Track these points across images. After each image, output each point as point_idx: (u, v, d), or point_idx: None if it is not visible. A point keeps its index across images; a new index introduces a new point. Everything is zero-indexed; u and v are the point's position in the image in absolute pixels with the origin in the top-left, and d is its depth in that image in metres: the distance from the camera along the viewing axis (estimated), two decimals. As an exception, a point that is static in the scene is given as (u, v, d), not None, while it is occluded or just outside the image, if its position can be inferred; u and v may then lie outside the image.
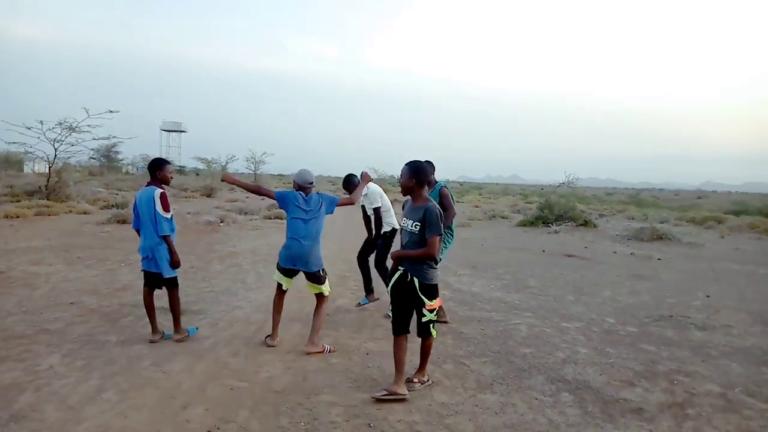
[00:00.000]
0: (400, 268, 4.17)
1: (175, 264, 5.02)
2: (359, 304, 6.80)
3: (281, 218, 17.78)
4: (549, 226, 18.64)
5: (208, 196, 30.38)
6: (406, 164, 4.24)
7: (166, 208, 4.95)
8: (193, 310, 6.27)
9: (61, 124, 20.74)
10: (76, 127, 20.86)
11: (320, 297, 5.13)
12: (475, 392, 4.28)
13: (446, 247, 6.17)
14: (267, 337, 5.23)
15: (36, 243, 10.83)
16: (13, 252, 9.65)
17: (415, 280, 4.09)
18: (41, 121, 20.53)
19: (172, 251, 4.97)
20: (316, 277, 5.04)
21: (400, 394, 4.01)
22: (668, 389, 4.48)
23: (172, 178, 5.35)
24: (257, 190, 5.29)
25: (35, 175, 33.58)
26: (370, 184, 6.18)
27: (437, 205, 4.11)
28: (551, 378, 4.64)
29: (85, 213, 17.42)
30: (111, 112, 20.98)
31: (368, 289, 6.81)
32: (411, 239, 4.14)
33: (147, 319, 5.22)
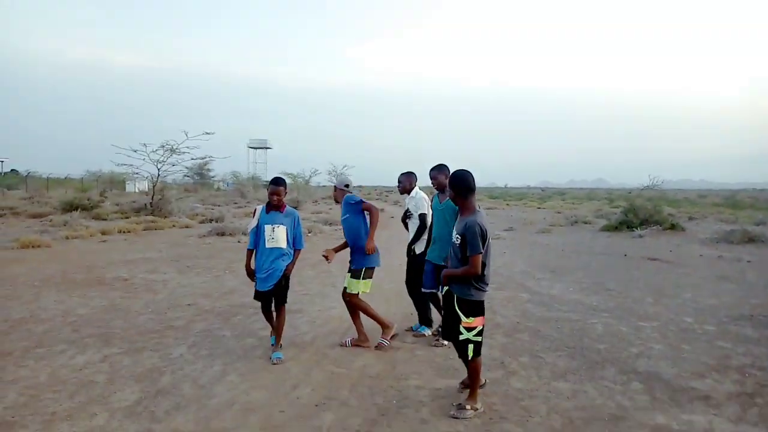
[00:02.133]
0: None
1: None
2: (412, 329, 6.20)
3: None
4: (633, 231, 18.32)
5: (295, 208, 31.85)
6: (449, 177, 4.22)
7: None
8: (293, 310, 7.01)
9: (163, 146, 22.73)
10: (176, 148, 22.75)
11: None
12: (549, 380, 4.69)
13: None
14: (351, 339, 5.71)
15: (149, 254, 12.11)
16: (132, 262, 10.89)
17: (455, 296, 4.04)
18: (145, 144, 22.60)
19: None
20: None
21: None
22: (739, 381, 4.70)
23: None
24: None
25: (138, 194, 36.55)
26: (417, 190, 6.24)
27: (478, 222, 3.91)
28: (623, 370, 4.96)
29: (186, 227, 18.96)
30: (207, 133, 22.77)
31: (424, 319, 6.13)
32: (455, 253, 4.08)
33: (257, 317, 5.95)
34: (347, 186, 5.77)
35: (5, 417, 3.84)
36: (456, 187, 4.06)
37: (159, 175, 23.19)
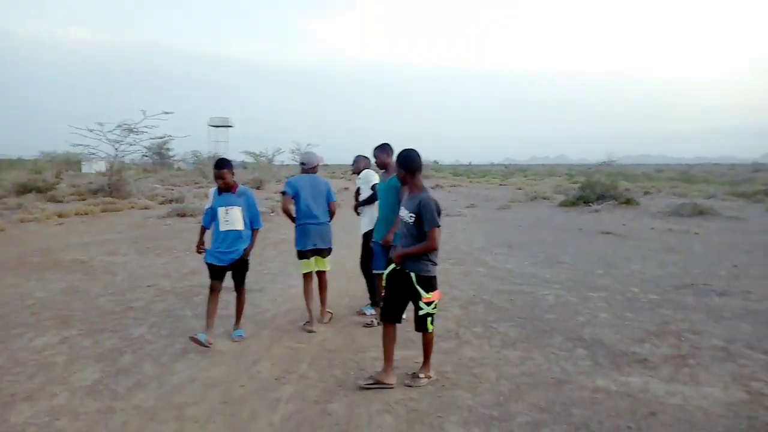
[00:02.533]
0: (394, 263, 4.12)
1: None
2: (361, 312, 6.12)
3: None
4: (590, 206, 18.87)
5: (257, 188, 31.60)
6: (396, 156, 4.22)
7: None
8: (254, 289, 7.09)
9: (120, 126, 22.17)
10: (134, 128, 22.25)
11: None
12: (500, 349, 4.93)
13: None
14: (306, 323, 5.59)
15: (108, 236, 11.97)
16: (91, 244, 10.76)
17: (412, 274, 4.01)
18: (101, 124, 22.01)
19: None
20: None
21: (387, 383, 4.06)
22: (675, 344, 5.03)
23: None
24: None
25: (95, 175, 35.67)
26: (367, 170, 6.29)
27: (432, 197, 3.98)
28: (569, 337, 5.24)
29: (146, 208, 18.69)
30: (166, 113, 22.27)
31: (373, 299, 6.02)
32: (408, 231, 4.06)
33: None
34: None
35: (-36, 399, 3.86)
36: (405, 165, 4.08)
37: (117, 155, 22.67)
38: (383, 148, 5.74)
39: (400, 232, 4.22)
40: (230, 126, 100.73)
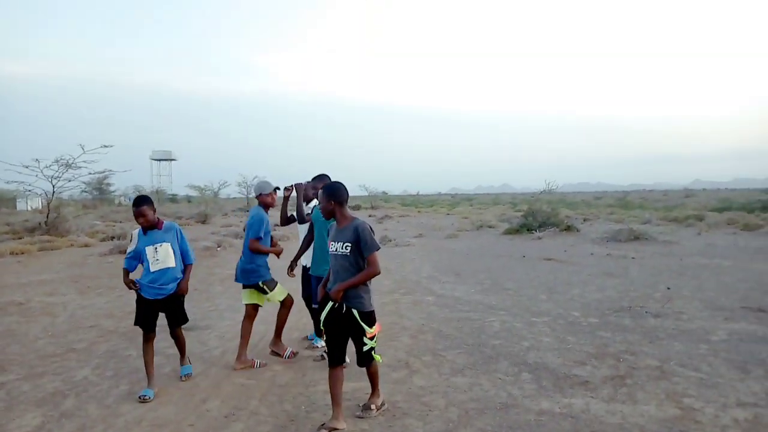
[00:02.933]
0: (331, 300, 4.01)
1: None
2: (307, 338, 6.36)
3: (280, 240, 18.55)
4: (533, 233, 19.46)
5: (203, 222, 31.04)
6: (322, 188, 4.13)
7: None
8: (201, 326, 7.00)
9: (57, 161, 21.45)
10: (72, 163, 21.59)
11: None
12: (449, 376, 5.04)
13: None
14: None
15: (46, 276, 11.52)
16: (28, 285, 10.34)
17: (354, 311, 3.93)
18: (37, 160, 21.28)
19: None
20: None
21: (339, 429, 3.91)
22: (614, 365, 5.26)
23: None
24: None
25: (31, 212, 34.24)
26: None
27: (365, 222, 3.99)
28: (515, 362, 5.41)
29: (86, 246, 18.07)
30: (105, 147, 21.71)
31: (318, 331, 6.05)
32: (343, 263, 3.94)
33: (164, 335, 5.88)
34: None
35: None
36: (334, 196, 4.01)
37: (54, 191, 21.90)
38: (321, 179, 5.83)
39: (332, 269, 4.08)
40: (173, 159, 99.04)
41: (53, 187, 21.74)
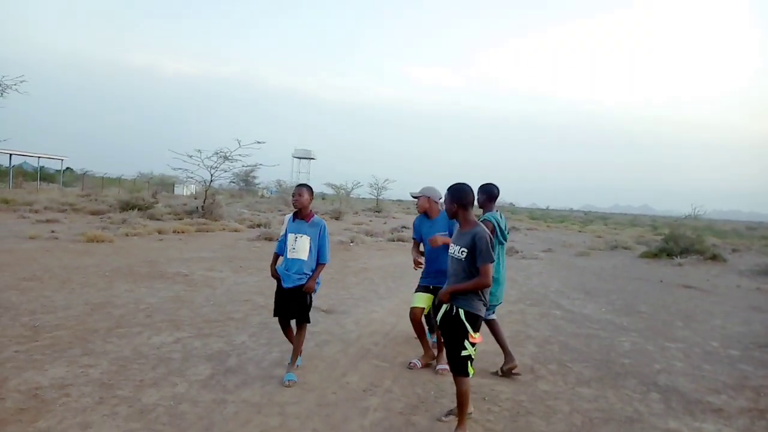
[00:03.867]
0: (445, 303, 3.96)
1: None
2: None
3: (404, 241, 19.19)
4: (673, 259, 18.36)
5: (336, 219, 32.64)
6: (447, 189, 4.07)
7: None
8: (339, 311, 7.62)
9: (217, 153, 23.85)
10: (229, 156, 23.85)
11: None
12: (574, 386, 5.15)
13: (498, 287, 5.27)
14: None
15: (204, 254, 12.94)
16: (190, 260, 11.72)
17: (461, 311, 3.85)
18: (199, 150, 23.78)
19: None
20: None
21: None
22: (753, 398, 5.07)
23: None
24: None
25: (187, 197, 38.02)
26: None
27: (487, 230, 3.88)
28: (644, 382, 5.38)
29: (235, 231, 19.88)
30: (259, 143, 23.76)
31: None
32: (458, 267, 3.90)
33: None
34: (441, 199, 5.42)
35: (102, 380, 4.54)
36: (459, 198, 3.95)
37: (212, 180, 24.31)
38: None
39: (448, 271, 4.06)
40: (312, 158, 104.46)
41: (211, 176, 24.15)
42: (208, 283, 9.23)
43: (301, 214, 5.01)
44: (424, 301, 5.31)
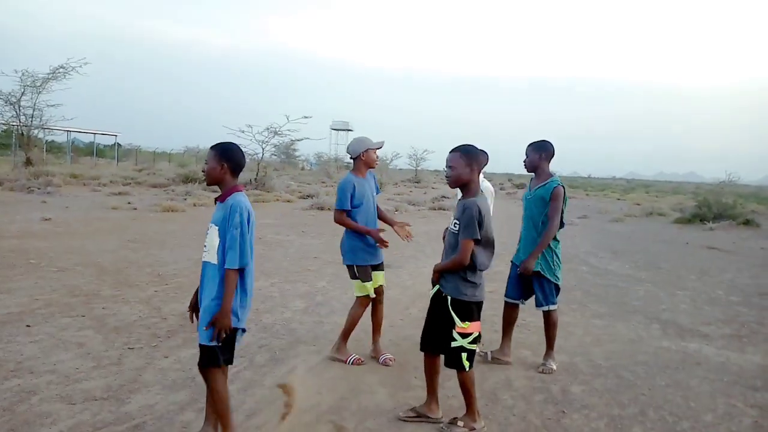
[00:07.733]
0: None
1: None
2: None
3: (444, 209, 20.49)
4: (705, 224, 19.10)
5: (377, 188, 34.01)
6: (454, 150, 3.48)
7: None
8: (395, 266, 9.04)
9: (268, 128, 25.47)
10: (278, 131, 25.45)
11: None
12: (589, 319, 6.47)
13: (557, 268, 5.09)
14: None
15: (266, 221, 14.51)
16: (257, 226, 13.29)
17: (447, 297, 3.46)
18: (250, 126, 25.44)
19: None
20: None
21: (430, 417, 3.58)
22: (736, 329, 6.29)
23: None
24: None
25: (239, 170, 39.80)
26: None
27: (478, 203, 3.36)
28: (648, 317, 6.65)
29: (288, 201, 21.50)
30: (306, 117, 25.28)
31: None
32: (451, 241, 3.53)
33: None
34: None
35: (228, 309, 6.07)
36: (469, 162, 3.42)
37: (263, 154, 26.01)
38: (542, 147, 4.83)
39: (444, 245, 3.71)
40: (350, 130, 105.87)
41: (263, 150, 25.82)
42: (280, 243, 10.79)
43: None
44: None
